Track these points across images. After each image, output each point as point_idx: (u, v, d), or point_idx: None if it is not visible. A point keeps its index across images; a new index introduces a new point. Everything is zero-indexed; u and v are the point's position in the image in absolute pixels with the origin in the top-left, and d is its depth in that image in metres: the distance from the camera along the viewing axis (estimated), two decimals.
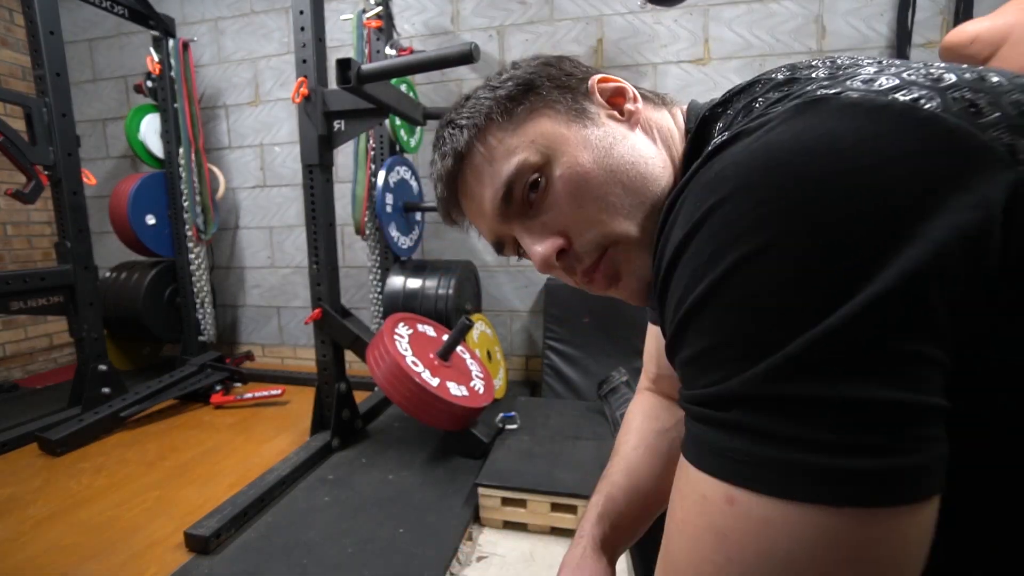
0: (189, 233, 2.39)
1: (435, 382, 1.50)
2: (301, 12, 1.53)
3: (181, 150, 2.33)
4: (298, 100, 1.55)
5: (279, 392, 2.14)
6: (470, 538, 1.29)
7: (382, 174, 2.04)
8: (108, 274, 2.45)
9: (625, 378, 1.75)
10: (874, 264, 0.23)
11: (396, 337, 1.57)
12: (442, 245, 2.47)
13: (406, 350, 1.55)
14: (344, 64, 1.34)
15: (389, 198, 2.07)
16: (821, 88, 0.30)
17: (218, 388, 2.18)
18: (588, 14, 2.18)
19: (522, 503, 1.30)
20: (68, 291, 1.86)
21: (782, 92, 0.33)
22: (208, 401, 2.13)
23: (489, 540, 1.29)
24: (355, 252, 2.55)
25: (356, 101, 1.52)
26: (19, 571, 1.14)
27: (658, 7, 2.00)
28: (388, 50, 2.09)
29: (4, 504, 1.40)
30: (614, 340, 2.02)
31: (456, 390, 1.54)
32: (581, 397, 1.99)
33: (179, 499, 1.43)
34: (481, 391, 1.65)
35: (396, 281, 2.11)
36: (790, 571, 0.24)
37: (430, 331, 1.76)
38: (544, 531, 1.30)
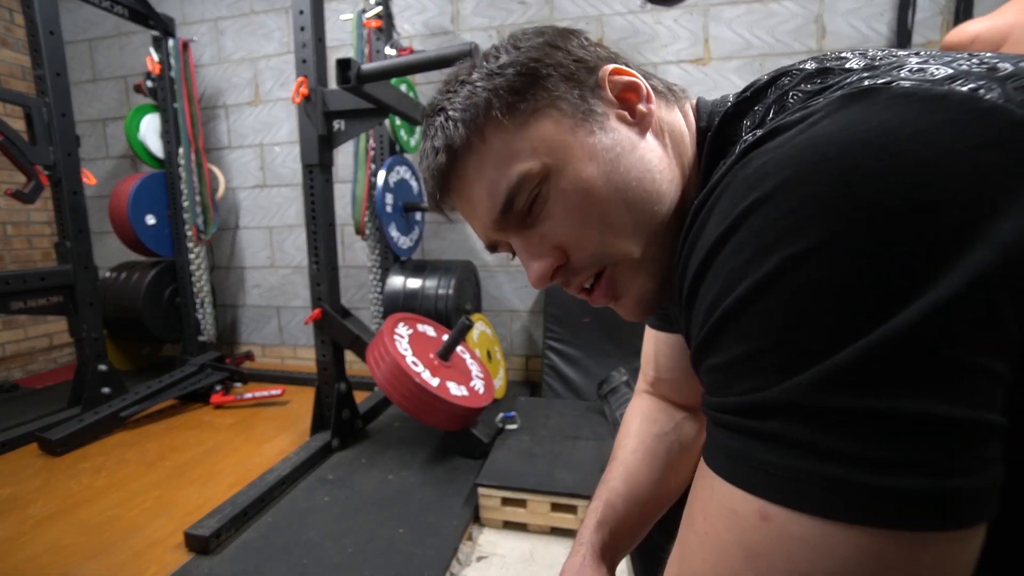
0: (189, 233, 2.39)
1: (435, 382, 1.50)
2: (301, 12, 1.53)
3: (181, 150, 2.33)
4: (298, 100, 1.55)
5: (279, 392, 2.14)
6: (470, 538, 1.28)
7: (382, 174, 2.04)
8: (108, 274, 2.45)
9: (625, 378, 1.75)
10: (936, 267, 0.21)
11: (396, 337, 1.57)
12: (442, 245, 2.47)
13: (406, 350, 1.55)
14: (344, 64, 1.34)
15: (389, 198, 2.07)
16: (866, 78, 0.27)
17: (218, 388, 2.18)
18: (588, 14, 2.18)
19: (522, 503, 1.30)
20: (68, 291, 1.86)
21: (817, 84, 0.31)
22: (208, 401, 2.13)
23: (489, 540, 1.29)
24: (355, 252, 2.55)
25: (356, 101, 1.52)
26: (19, 571, 1.14)
27: (658, 7, 2.00)
28: (388, 50, 2.09)
29: (4, 504, 1.40)
30: (614, 340, 2.02)
31: (456, 390, 1.54)
32: (581, 397, 1.98)
33: (179, 499, 1.42)
34: (481, 391, 1.65)
35: (396, 281, 2.11)
36: None
37: (430, 331, 1.76)
38: (544, 531, 1.30)
